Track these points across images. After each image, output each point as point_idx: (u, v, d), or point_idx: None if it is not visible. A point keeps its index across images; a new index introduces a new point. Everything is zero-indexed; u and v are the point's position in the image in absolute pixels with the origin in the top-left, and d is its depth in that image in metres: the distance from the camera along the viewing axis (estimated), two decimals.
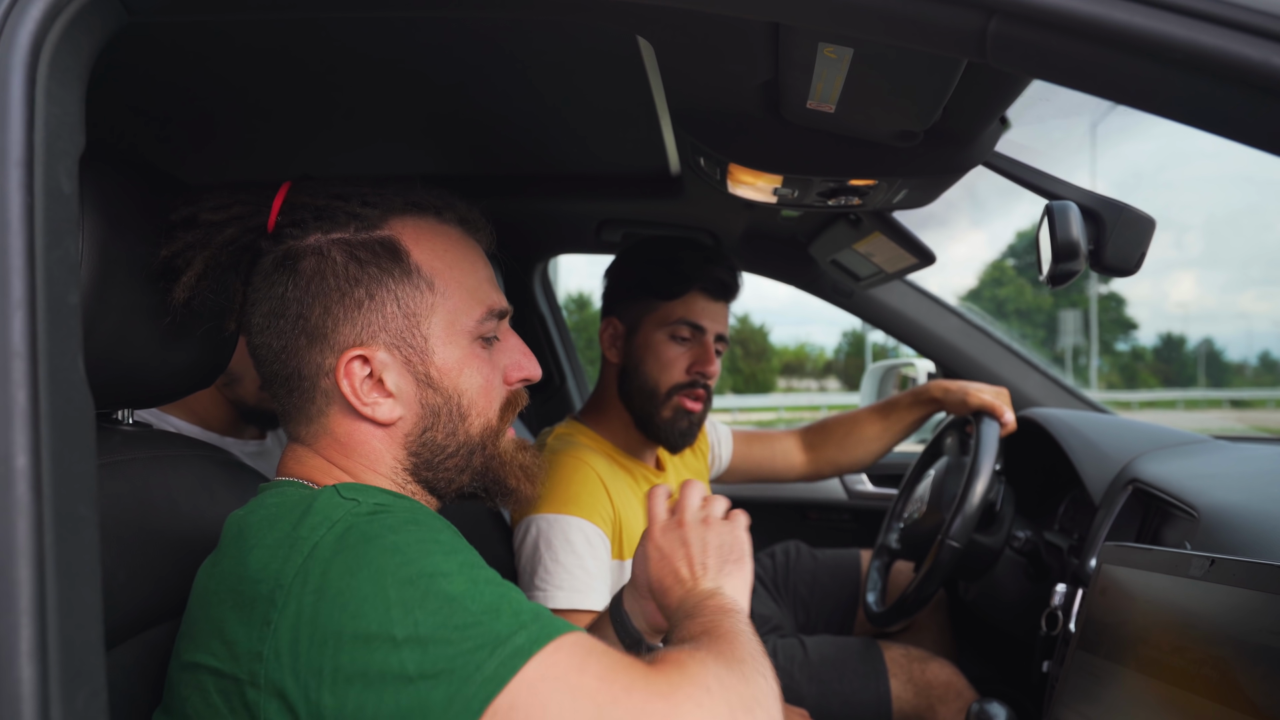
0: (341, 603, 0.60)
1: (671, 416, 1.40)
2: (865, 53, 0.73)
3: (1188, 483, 1.12)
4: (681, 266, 1.39)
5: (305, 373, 0.77)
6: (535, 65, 1.12)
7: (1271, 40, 0.43)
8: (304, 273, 0.76)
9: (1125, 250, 1.13)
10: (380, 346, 0.76)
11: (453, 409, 0.79)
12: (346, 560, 0.62)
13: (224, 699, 0.62)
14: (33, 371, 0.45)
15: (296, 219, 0.78)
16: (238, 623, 0.63)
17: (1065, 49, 0.49)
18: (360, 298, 0.75)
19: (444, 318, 0.78)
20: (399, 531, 0.65)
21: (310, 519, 0.66)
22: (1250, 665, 0.72)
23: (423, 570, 0.61)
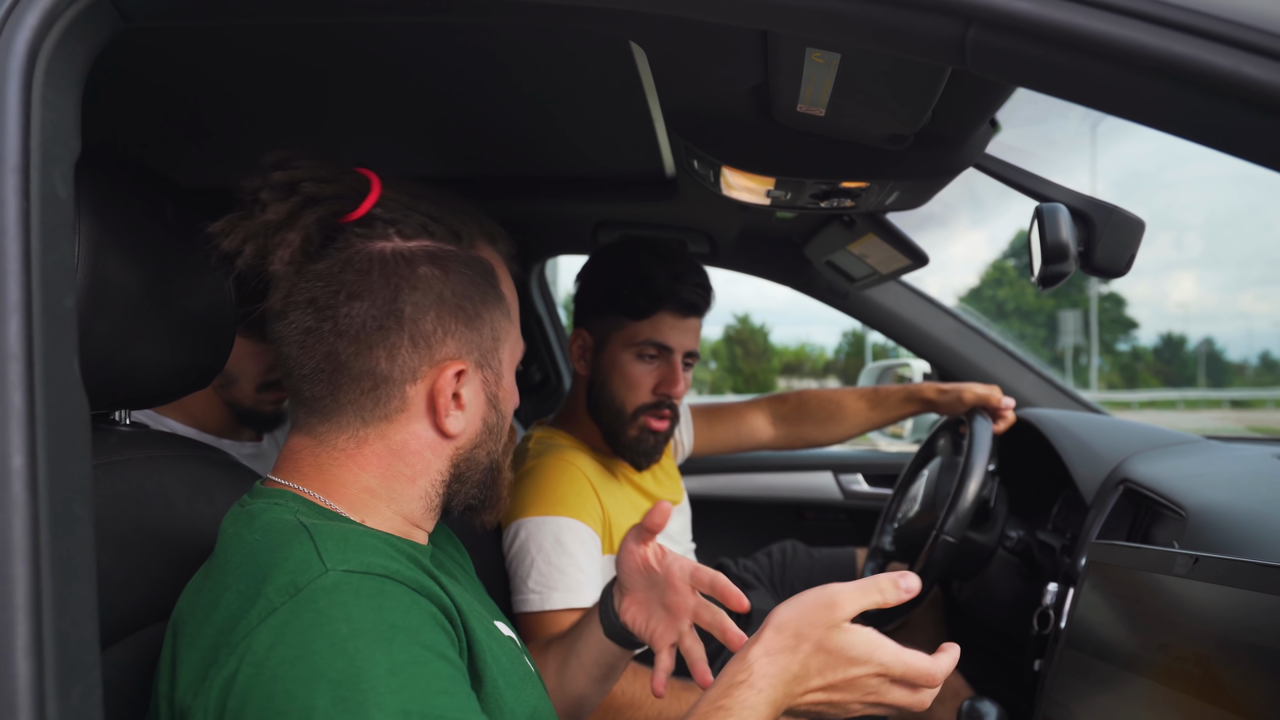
0: (270, 691, 0.59)
1: (637, 435, 1.39)
2: (852, 58, 0.74)
3: (1177, 482, 1.13)
4: (650, 285, 1.36)
5: (394, 375, 0.75)
6: (532, 69, 1.13)
7: (1238, 48, 0.44)
8: (421, 278, 0.76)
9: (1115, 252, 1.14)
10: (472, 363, 0.79)
11: (501, 430, 0.82)
12: (290, 645, 0.60)
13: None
14: (29, 374, 0.46)
15: (393, 218, 0.78)
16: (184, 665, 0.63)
17: (1042, 56, 0.50)
18: (470, 314, 0.78)
19: (510, 346, 0.83)
20: (352, 621, 0.62)
21: (278, 577, 0.64)
22: (1232, 662, 0.73)
23: (358, 687, 0.59)
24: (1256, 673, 0.70)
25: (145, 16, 0.60)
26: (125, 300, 0.80)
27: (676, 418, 1.45)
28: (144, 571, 0.81)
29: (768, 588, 1.82)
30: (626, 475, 1.47)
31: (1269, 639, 0.70)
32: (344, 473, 0.76)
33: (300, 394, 0.78)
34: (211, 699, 0.60)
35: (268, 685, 0.59)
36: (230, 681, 0.59)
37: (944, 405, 1.62)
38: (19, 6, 0.53)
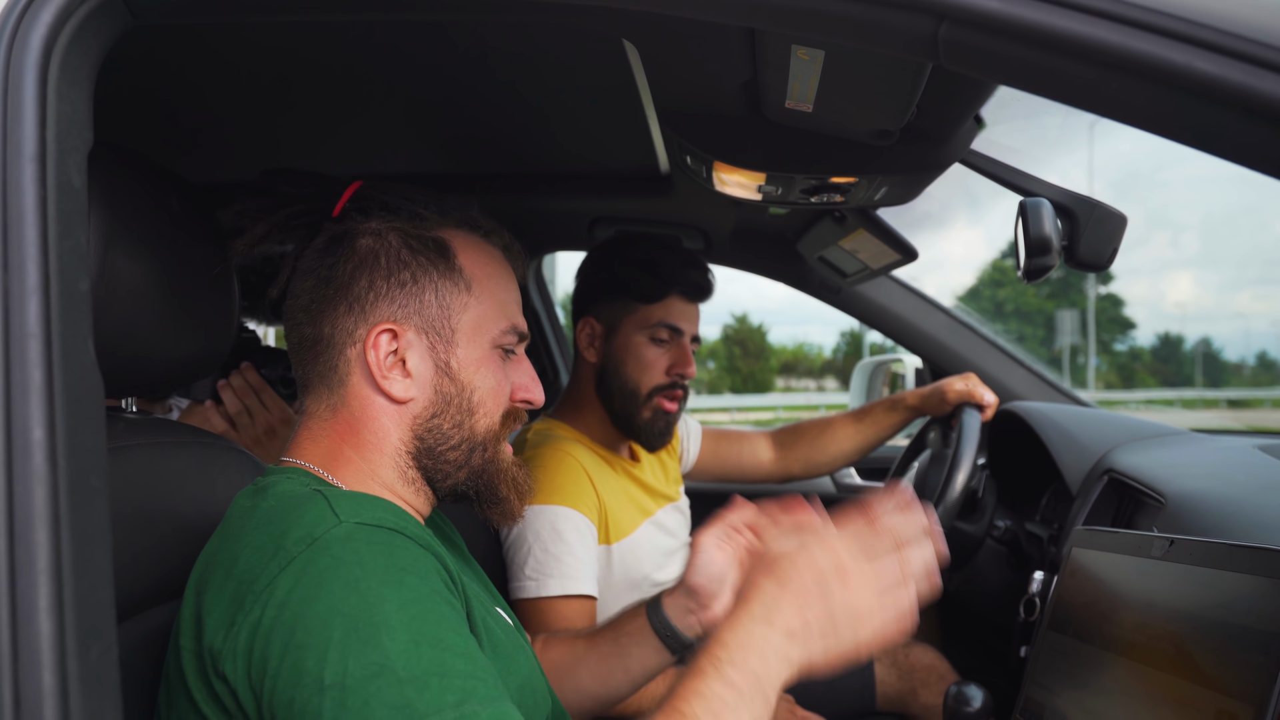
0: (291, 628, 0.63)
1: (651, 417, 1.43)
2: (836, 54, 0.76)
3: (1158, 471, 1.16)
4: (661, 270, 1.42)
5: (336, 339, 0.82)
6: (527, 67, 1.15)
7: (1190, 44, 0.46)
8: (359, 249, 0.83)
9: (1098, 246, 1.17)
10: (411, 328, 0.82)
11: (463, 401, 0.84)
12: (308, 587, 0.65)
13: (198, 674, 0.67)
14: (47, 352, 0.48)
15: (362, 207, 0.86)
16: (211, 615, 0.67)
17: (1010, 52, 0.52)
18: (405, 279, 0.82)
19: (473, 318, 0.84)
20: (365, 564, 0.66)
21: (295, 531, 0.68)
22: (1203, 638, 0.75)
23: (371, 619, 0.63)
24: (1226, 648, 0.72)
25: (155, 14, 0.63)
26: (133, 289, 0.82)
27: (686, 397, 1.49)
28: (150, 553, 0.83)
29: None
30: (624, 468, 1.49)
31: (1238, 615, 0.73)
32: (330, 443, 0.82)
33: (297, 375, 0.87)
34: (240, 643, 0.64)
35: (289, 623, 0.63)
36: (256, 625, 0.64)
37: (930, 407, 1.65)
38: (34, 4, 0.55)
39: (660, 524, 1.51)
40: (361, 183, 0.89)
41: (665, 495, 1.56)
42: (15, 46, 0.53)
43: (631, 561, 1.42)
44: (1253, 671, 0.68)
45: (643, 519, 1.47)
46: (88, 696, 0.44)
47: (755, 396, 33.68)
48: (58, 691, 0.42)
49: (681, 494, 1.65)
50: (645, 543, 1.45)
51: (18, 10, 0.55)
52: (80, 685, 0.43)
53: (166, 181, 0.90)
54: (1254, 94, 0.46)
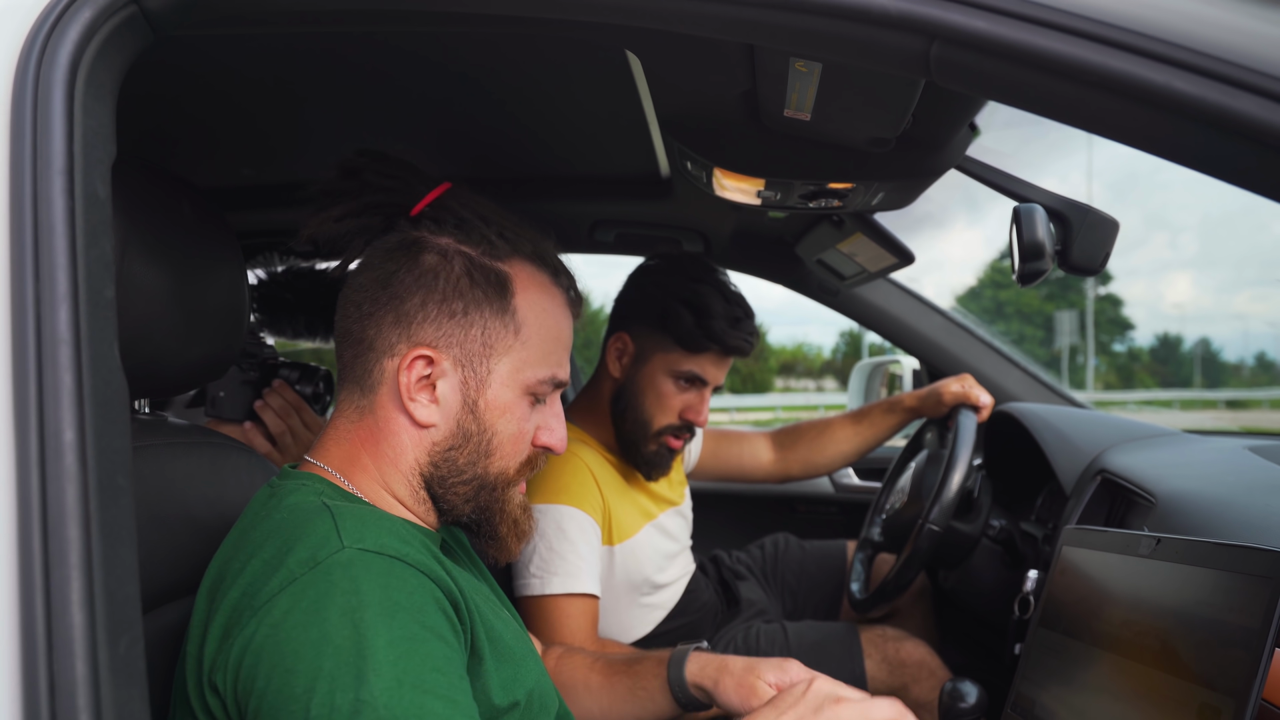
0: (282, 651, 0.65)
1: (655, 450, 1.45)
2: (833, 67, 0.78)
3: (1149, 471, 1.18)
4: (709, 324, 1.40)
5: (377, 345, 0.82)
6: (531, 74, 1.17)
7: (1168, 65, 0.49)
8: (423, 264, 0.82)
9: (1090, 250, 1.19)
10: (449, 358, 0.82)
11: (482, 442, 0.84)
12: (304, 611, 0.66)
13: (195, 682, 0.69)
14: (76, 357, 0.50)
15: (439, 217, 0.85)
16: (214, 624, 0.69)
17: (998, 71, 0.55)
18: (456, 309, 0.81)
19: (513, 363, 0.84)
20: (361, 593, 0.67)
21: (299, 550, 0.70)
22: (1188, 634, 0.77)
23: (360, 653, 0.64)
24: (1209, 643, 0.74)
25: (174, 28, 0.65)
26: (148, 294, 0.84)
27: (692, 437, 1.50)
28: (162, 552, 0.86)
29: (759, 579, 1.86)
30: (630, 472, 1.51)
31: (1221, 611, 0.75)
32: (350, 448, 0.83)
33: (338, 360, 0.87)
34: (231, 656, 0.66)
35: (281, 645, 0.64)
36: (249, 641, 0.65)
37: (926, 409, 1.67)
38: (61, 22, 0.58)
39: (662, 527, 1.54)
40: (449, 185, 0.88)
41: (668, 499, 1.58)
42: (44, 64, 0.56)
43: (633, 563, 1.44)
44: (1235, 666, 0.71)
45: (645, 522, 1.49)
46: (117, 686, 0.46)
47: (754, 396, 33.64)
48: (90, 681, 0.44)
49: (685, 497, 1.67)
50: (647, 545, 1.47)
51: (46, 29, 0.57)
52: (110, 675, 0.45)
53: (178, 188, 0.92)
54: (1228, 112, 0.48)
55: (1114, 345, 41.76)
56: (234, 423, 1.27)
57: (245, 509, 0.80)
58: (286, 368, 1.27)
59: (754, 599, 1.77)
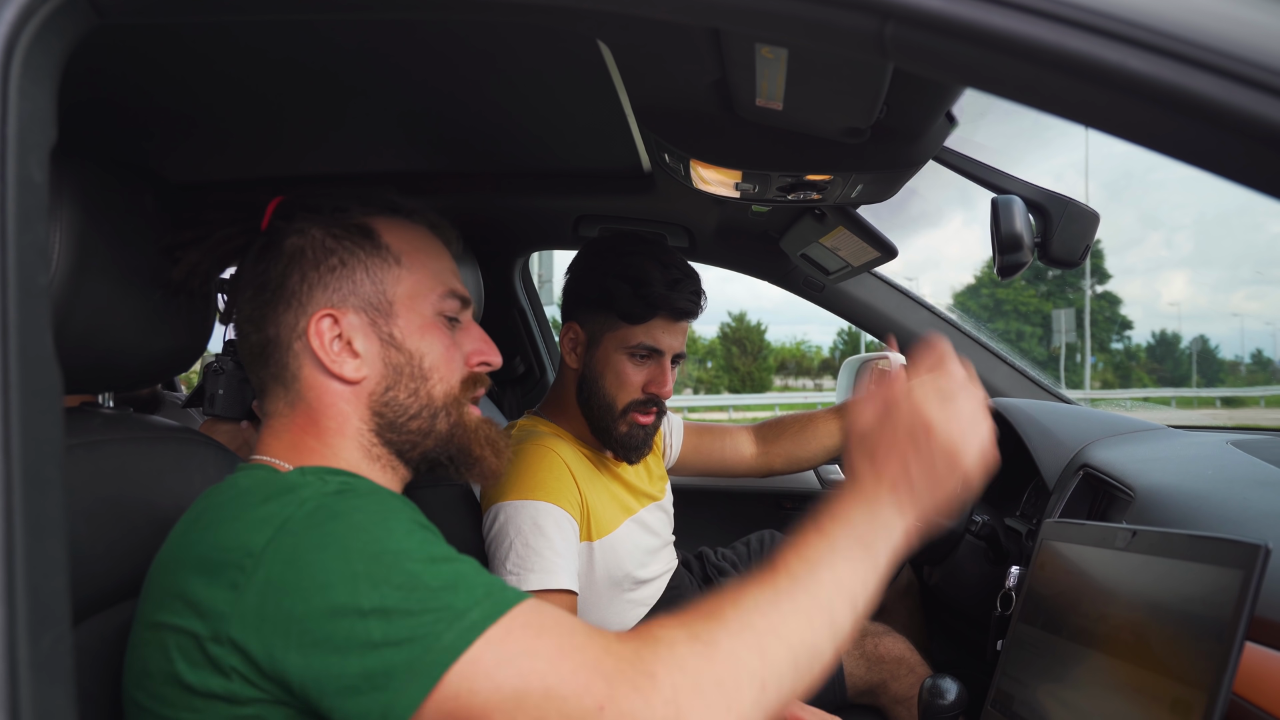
0: (310, 575, 0.65)
1: (627, 431, 1.43)
2: (799, 53, 0.77)
3: (1130, 466, 1.17)
4: (647, 291, 1.39)
5: (280, 336, 0.84)
6: (504, 66, 1.16)
7: (1124, 43, 0.47)
8: (286, 249, 0.85)
9: (1070, 242, 1.18)
10: (350, 309, 0.84)
11: (415, 368, 0.86)
12: (315, 536, 0.67)
13: (182, 653, 0.67)
14: (3, 346, 0.49)
15: (286, 214, 0.88)
16: (203, 586, 0.67)
17: (954, 51, 0.53)
18: (334, 264, 0.85)
19: (409, 288, 0.87)
20: (363, 510, 0.70)
21: (281, 497, 0.71)
22: (1160, 627, 0.76)
23: (386, 548, 0.67)
24: (1181, 636, 0.73)
25: (120, 13, 0.64)
26: (105, 287, 0.83)
27: (663, 412, 1.49)
28: (123, 547, 0.84)
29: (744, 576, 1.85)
30: (607, 466, 1.50)
31: (1193, 604, 0.74)
32: (292, 436, 0.85)
33: (253, 382, 0.89)
34: (249, 603, 0.65)
35: (305, 572, 0.65)
36: (266, 583, 0.65)
37: None
38: None
39: (643, 522, 1.52)
40: (282, 197, 0.92)
41: (648, 494, 1.57)
42: None
43: (613, 559, 1.42)
44: (1205, 659, 0.70)
45: (625, 517, 1.47)
46: (38, 684, 0.44)
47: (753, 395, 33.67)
48: (6, 678, 0.43)
49: (666, 492, 1.66)
50: (627, 540, 1.46)
51: None
52: (31, 673, 0.44)
53: (141, 179, 0.90)
54: (1184, 91, 0.47)
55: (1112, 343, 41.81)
56: (232, 421, 1.26)
57: (199, 498, 0.78)
58: None
59: None
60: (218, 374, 1.20)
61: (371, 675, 0.62)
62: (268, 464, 0.83)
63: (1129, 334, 43.30)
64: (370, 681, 0.62)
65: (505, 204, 1.80)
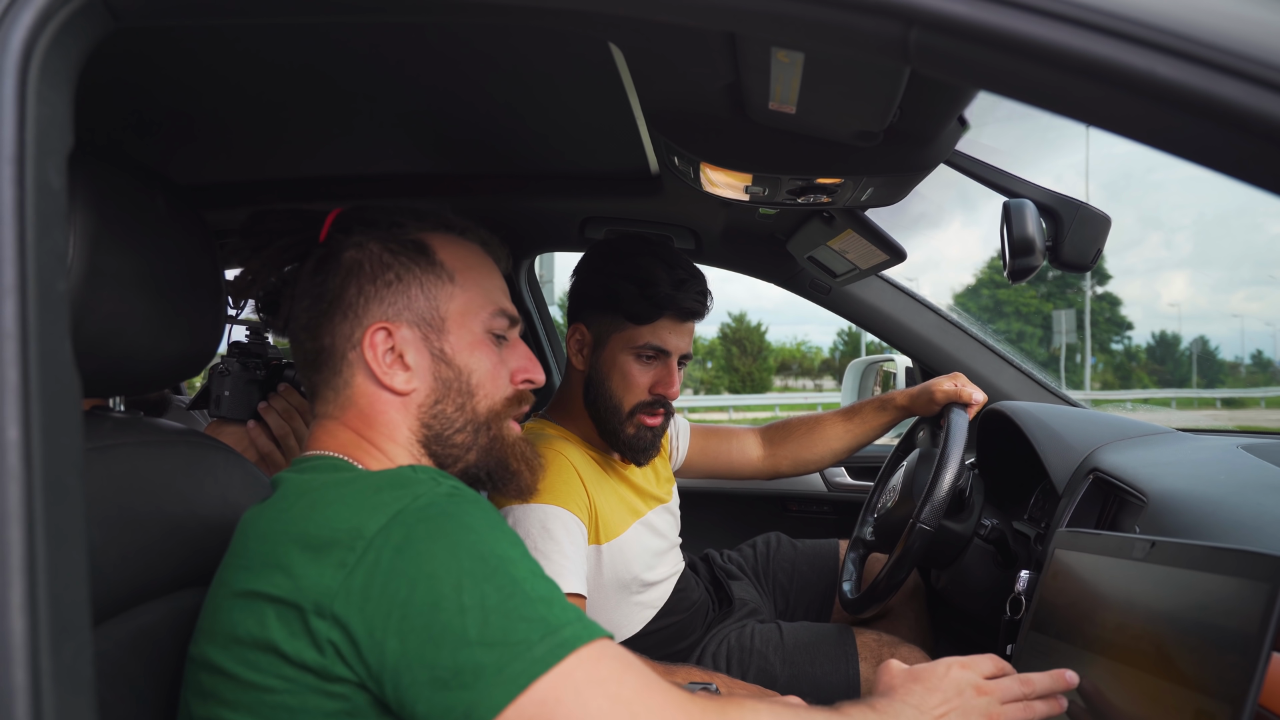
0: (419, 564, 0.67)
1: (635, 433, 1.43)
2: (815, 57, 0.77)
3: (1141, 470, 1.17)
4: (653, 291, 1.39)
5: (336, 346, 0.87)
6: (514, 69, 1.15)
7: (1151, 49, 0.47)
8: (345, 262, 0.88)
9: (1082, 246, 1.18)
10: (403, 324, 0.87)
11: (463, 384, 0.88)
12: (428, 529, 0.69)
13: (283, 623, 0.68)
14: (24, 352, 0.49)
15: (344, 228, 0.91)
16: (307, 562, 0.69)
17: (979, 57, 0.53)
18: (390, 279, 0.87)
19: (461, 305, 0.89)
20: (473, 514, 0.72)
21: (396, 488, 0.73)
22: (1181, 639, 0.76)
23: (493, 550, 0.69)
24: (1204, 648, 0.73)
25: (135, 17, 0.63)
26: (119, 289, 0.83)
27: (670, 414, 1.48)
28: (137, 552, 0.84)
29: (751, 579, 1.85)
30: (617, 469, 1.50)
31: (1216, 616, 0.73)
32: (347, 435, 0.87)
33: (305, 386, 0.93)
34: (357, 582, 0.66)
35: (414, 560, 0.67)
36: (375, 565, 0.67)
37: (918, 408, 1.65)
38: (15, 6, 0.56)
39: (650, 525, 1.52)
40: (341, 210, 0.94)
41: (656, 497, 1.56)
42: None
43: (621, 562, 1.42)
44: (1230, 671, 0.69)
45: (633, 520, 1.47)
46: (61, 694, 0.44)
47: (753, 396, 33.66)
48: (29, 689, 0.42)
49: (673, 494, 1.66)
50: (635, 543, 1.45)
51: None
52: (53, 683, 0.44)
53: (152, 182, 0.90)
54: (1212, 99, 0.47)
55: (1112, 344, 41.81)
56: (238, 423, 1.26)
57: (284, 481, 0.80)
58: (293, 369, 1.26)
59: (747, 598, 1.76)
60: (223, 375, 1.19)
61: (461, 671, 0.63)
62: (334, 457, 0.85)
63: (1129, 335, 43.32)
64: (459, 678, 0.63)
65: (511, 206, 1.80)
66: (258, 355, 1.21)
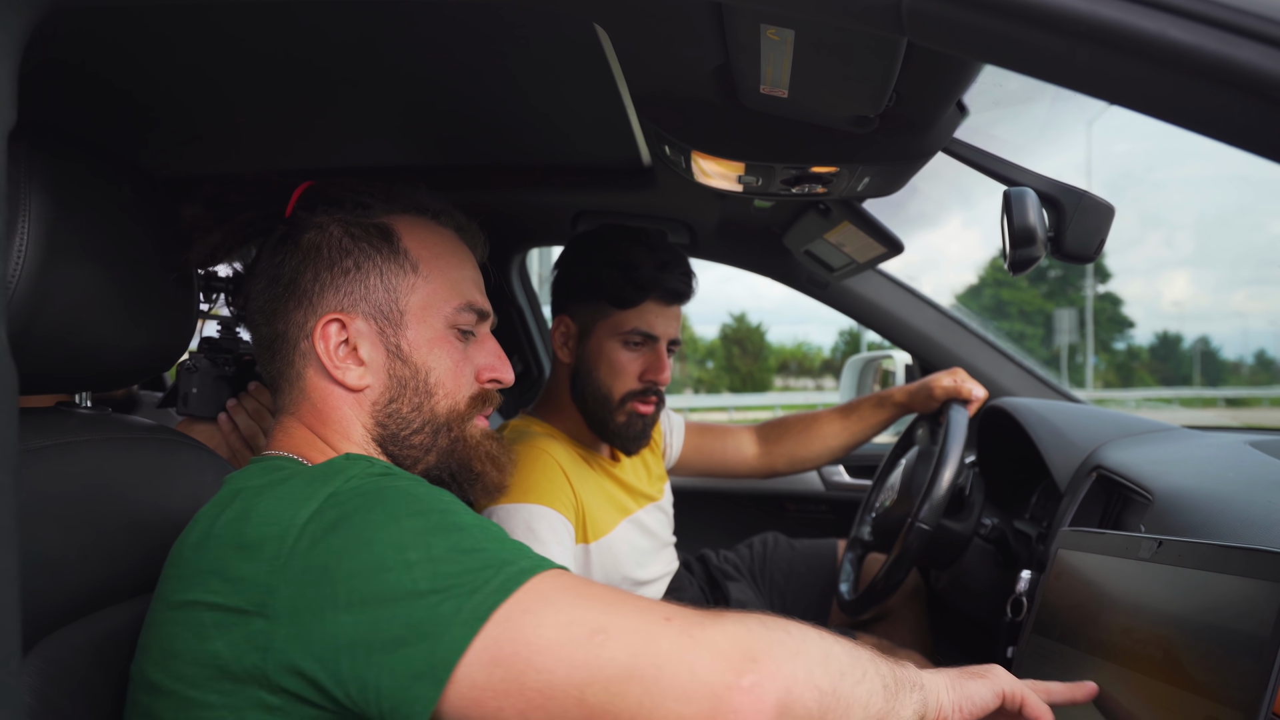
0: (356, 534, 0.64)
1: (626, 421, 1.40)
2: (806, 34, 0.73)
3: (1146, 468, 1.13)
4: (637, 274, 1.37)
5: (289, 334, 0.83)
6: (504, 55, 1.12)
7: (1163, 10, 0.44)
8: (303, 244, 0.83)
9: (1085, 237, 1.14)
10: (359, 315, 0.82)
11: (419, 383, 0.83)
12: (362, 501, 0.66)
13: (221, 630, 0.64)
14: None
15: (310, 205, 0.86)
16: (243, 561, 0.65)
17: (976, 23, 0.49)
18: (348, 267, 0.82)
19: (422, 299, 0.84)
20: (409, 485, 0.70)
21: (327, 476, 0.70)
22: (1191, 643, 0.73)
23: (433, 507, 0.66)
24: (1215, 652, 0.70)
25: None
26: (78, 280, 0.79)
27: (662, 402, 1.45)
28: (98, 553, 0.80)
29: (748, 579, 1.81)
30: (603, 466, 1.46)
31: (1227, 619, 0.70)
32: (302, 434, 0.83)
33: (263, 375, 0.88)
34: (294, 572, 0.63)
35: (350, 533, 0.63)
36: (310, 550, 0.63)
37: (917, 404, 1.62)
38: None
39: (640, 523, 1.49)
40: (311, 183, 0.89)
41: (646, 494, 1.53)
42: None
43: (609, 561, 1.39)
44: (1243, 677, 0.66)
45: (621, 518, 1.44)
46: None
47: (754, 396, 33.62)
48: None
49: (665, 492, 1.62)
50: (624, 542, 1.42)
51: None
52: None
53: (117, 169, 0.87)
54: (1230, 62, 0.43)
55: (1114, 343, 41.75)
56: (208, 421, 1.22)
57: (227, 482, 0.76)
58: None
59: (744, 600, 1.73)
60: (191, 372, 1.16)
61: (419, 624, 0.60)
62: (287, 456, 0.81)
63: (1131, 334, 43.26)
64: (419, 630, 0.60)
65: (501, 199, 1.77)
66: (228, 351, 1.18)
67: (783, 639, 0.63)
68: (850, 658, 0.66)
